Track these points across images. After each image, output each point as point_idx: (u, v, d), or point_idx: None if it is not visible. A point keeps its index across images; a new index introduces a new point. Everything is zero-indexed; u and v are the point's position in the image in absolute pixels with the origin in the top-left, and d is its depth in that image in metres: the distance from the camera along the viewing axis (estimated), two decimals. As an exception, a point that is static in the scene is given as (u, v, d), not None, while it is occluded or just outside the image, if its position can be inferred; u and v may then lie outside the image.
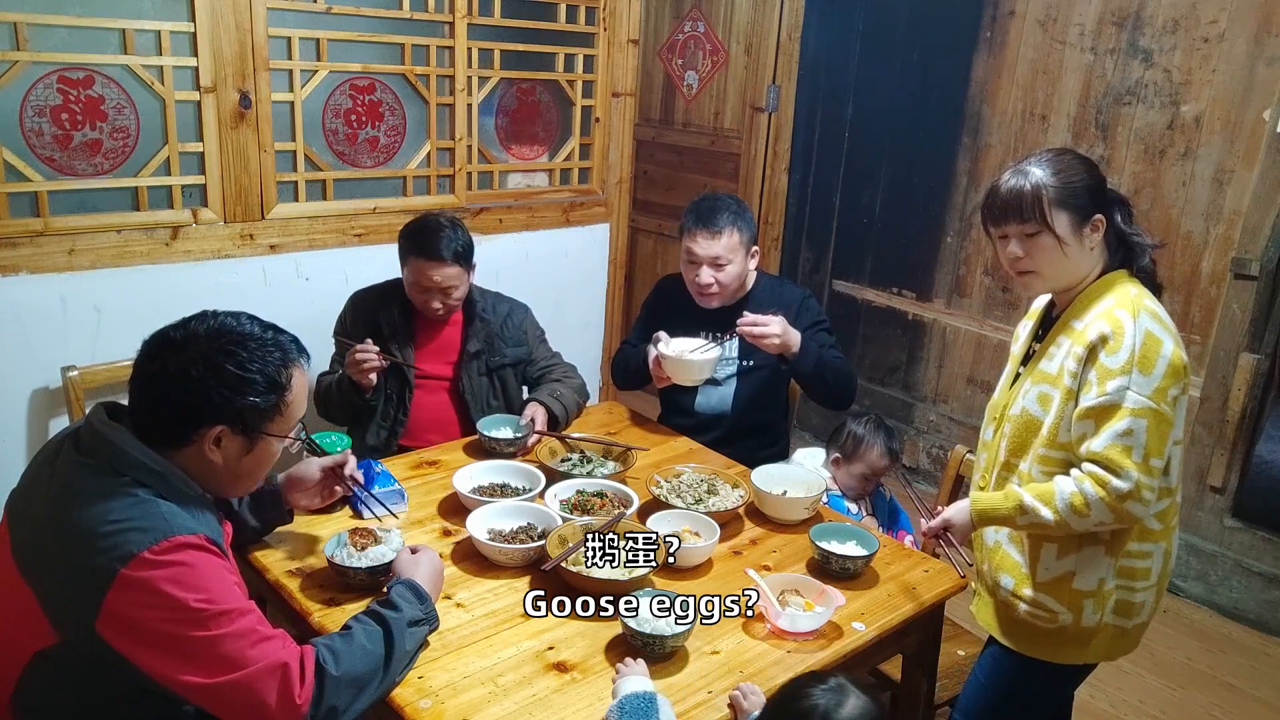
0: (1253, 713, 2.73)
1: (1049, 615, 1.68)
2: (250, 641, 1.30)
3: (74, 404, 2.45)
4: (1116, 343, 1.56)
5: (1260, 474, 3.19)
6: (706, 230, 2.44)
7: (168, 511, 1.32)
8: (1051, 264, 1.65)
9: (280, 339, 1.44)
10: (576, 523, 1.85)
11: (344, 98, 2.99)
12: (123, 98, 2.56)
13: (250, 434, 1.41)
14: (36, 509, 1.35)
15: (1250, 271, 2.99)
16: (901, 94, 3.93)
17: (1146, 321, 1.57)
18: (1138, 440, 1.55)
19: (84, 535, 1.27)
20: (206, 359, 1.36)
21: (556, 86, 3.57)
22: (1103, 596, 1.66)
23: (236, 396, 1.37)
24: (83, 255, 2.53)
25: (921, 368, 4.04)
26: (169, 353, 1.37)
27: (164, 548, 1.27)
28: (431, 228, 2.39)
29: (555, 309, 3.36)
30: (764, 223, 4.25)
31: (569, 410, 2.43)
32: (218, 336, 1.38)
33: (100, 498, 1.30)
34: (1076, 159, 1.66)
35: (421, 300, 2.43)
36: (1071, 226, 1.62)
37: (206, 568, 1.31)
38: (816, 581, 1.75)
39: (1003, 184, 1.66)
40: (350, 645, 1.39)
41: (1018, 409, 1.72)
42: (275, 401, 1.41)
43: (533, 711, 1.44)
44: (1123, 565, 1.65)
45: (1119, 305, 1.60)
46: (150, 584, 1.25)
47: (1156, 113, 3.19)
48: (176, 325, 1.41)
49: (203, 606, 1.27)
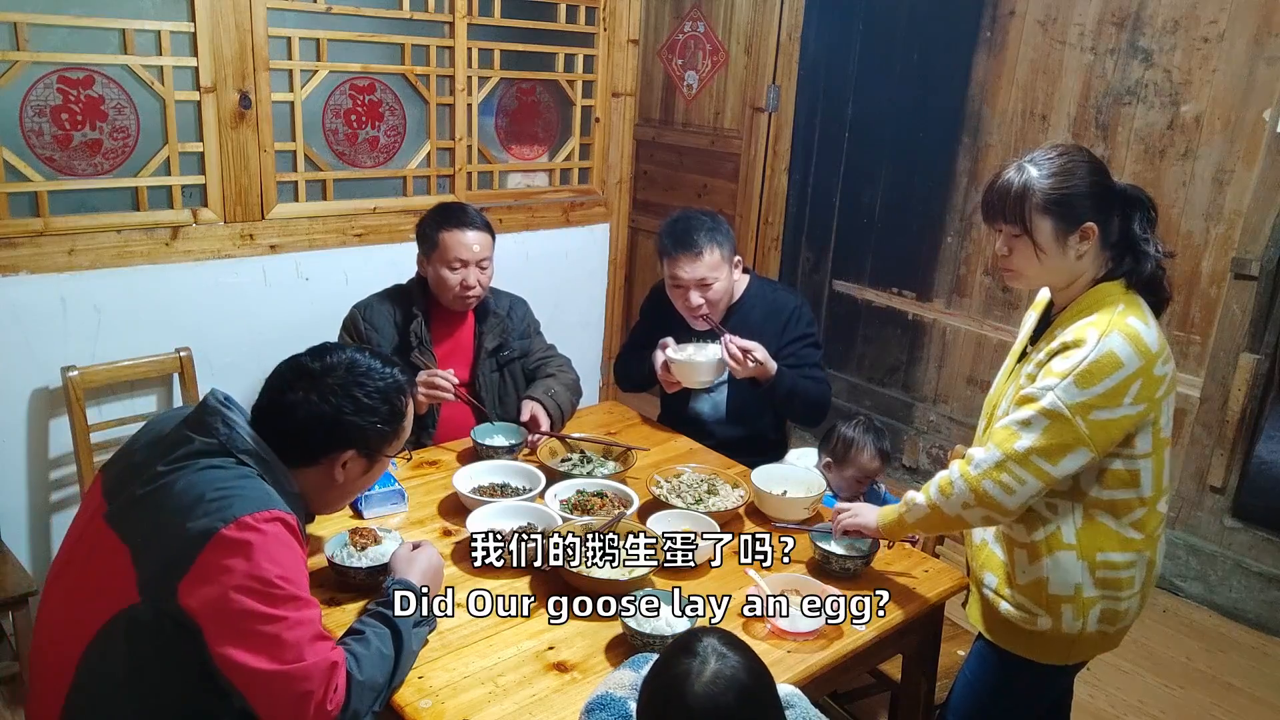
0: (1253, 713, 2.73)
1: (1028, 617, 1.67)
2: (310, 635, 1.33)
3: (74, 404, 2.45)
4: (1069, 353, 1.55)
5: (1260, 474, 3.19)
6: (687, 253, 2.41)
7: (272, 491, 1.41)
8: (1028, 266, 1.63)
9: (395, 371, 1.57)
10: (576, 523, 1.85)
11: (344, 98, 2.99)
12: (123, 98, 2.56)
13: (372, 456, 1.55)
14: (143, 474, 1.40)
15: (1250, 271, 2.99)
16: (901, 94, 3.93)
17: (1114, 340, 1.53)
18: (1030, 431, 1.55)
19: (191, 498, 1.34)
20: (344, 389, 1.49)
21: (556, 86, 3.57)
22: (1083, 604, 1.64)
23: (367, 424, 1.51)
24: (83, 255, 2.53)
25: (921, 368, 4.04)
26: (307, 382, 1.49)
27: (265, 516, 1.34)
28: (454, 204, 2.45)
29: (555, 309, 3.36)
30: (764, 223, 4.25)
31: (564, 410, 2.43)
32: (351, 369, 1.52)
33: (211, 470, 1.38)
34: (1080, 162, 1.61)
35: (456, 280, 2.38)
36: (1055, 234, 1.58)
37: (294, 549, 1.38)
38: (816, 581, 1.75)
39: (999, 178, 1.63)
40: (369, 650, 1.41)
41: (1002, 409, 1.72)
42: (395, 427, 1.56)
43: (533, 711, 1.44)
44: (1103, 576, 1.63)
45: (1094, 323, 1.56)
46: (244, 546, 1.31)
47: (1156, 113, 3.20)
48: (313, 354, 1.54)
49: (281, 584, 1.32)
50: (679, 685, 1.13)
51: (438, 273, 2.39)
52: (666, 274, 2.49)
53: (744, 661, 1.16)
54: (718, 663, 1.14)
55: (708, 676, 1.12)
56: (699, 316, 2.47)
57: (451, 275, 2.38)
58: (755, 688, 1.15)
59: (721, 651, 1.15)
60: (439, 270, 2.39)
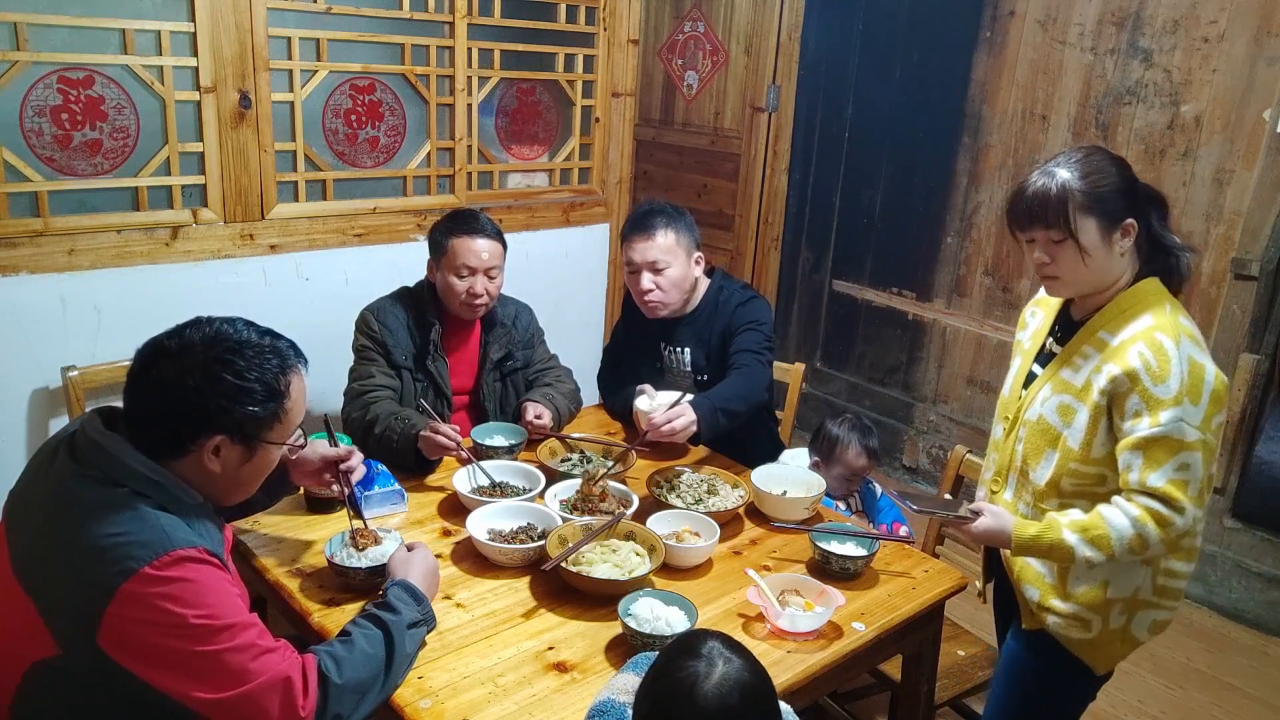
0: (1252, 713, 2.73)
1: (1082, 624, 1.66)
2: (251, 655, 1.29)
3: (74, 404, 2.45)
4: (1163, 371, 1.51)
5: (1260, 474, 3.18)
6: (641, 234, 2.39)
7: (168, 524, 1.29)
8: (1075, 270, 1.60)
9: (278, 344, 1.41)
10: (576, 523, 1.85)
11: (344, 98, 2.99)
12: (123, 98, 2.56)
13: (249, 443, 1.38)
14: (35, 517, 1.34)
15: (1250, 272, 2.99)
16: (901, 94, 3.93)
17: (1188, 347, 1.52)
18: (1194, 475, 1.52)
19: (84, 548, 1.25)
20: (203, 368, 1.33)
21: (556, 86, 3.57)
22: (1138, 606, 1.63)
23: (235, 406, 1.34)
24: (83, 255, 2.53)
25: (921, 368, 4.04)
26: (164, 362, 1.34)
27: (164, 562, 1.25)
28: (466, 211, 2.44)
29: (555, 309, 3.36)
30: (764, 223, 4.25)
31: (562, 416, 2.43)
32: (214, 344, 1.35)
33: (99, 509, 1.28)
34: (1107, 159, 1.59)
35: (463, 288, 2.35)
36: (1100, 233, 1.56)
37: (207, 581, 1.29)
38: (816, 581, 1.75)
39: (1029, 186, 1.59)
40: (351, 651, 1.39)
41: (1034, 414, 1.68)
42: (274, 409, 1.39)
43: (533, 711, 1.44)
44: (1163, 584, 1.63)
45: (1159, 328, 1.54)
46: (151, 600, 1.24)
47: (1156, 113, 3.19)
48: (171, 333, 1.38)
49: (204, 622, 1.26)
50: (686, 688, 1.13)
51: (445, 279, 2.37)
52: (624, 262, 2.47)
53: (747, 663, 1.16)
54: (724, 665, 1.14)
55: (716, 679, 1.13)
56: (653, 304, 2.42)
57: (459, 282, 2.35)
58: (761, 689, 1.16)
59: (726, 654, 1.16)
60: (447, 276, 2.37)
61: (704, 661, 1.14)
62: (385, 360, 2.36)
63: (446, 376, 2.41)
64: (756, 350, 2.39)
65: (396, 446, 2.15)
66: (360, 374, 2.35)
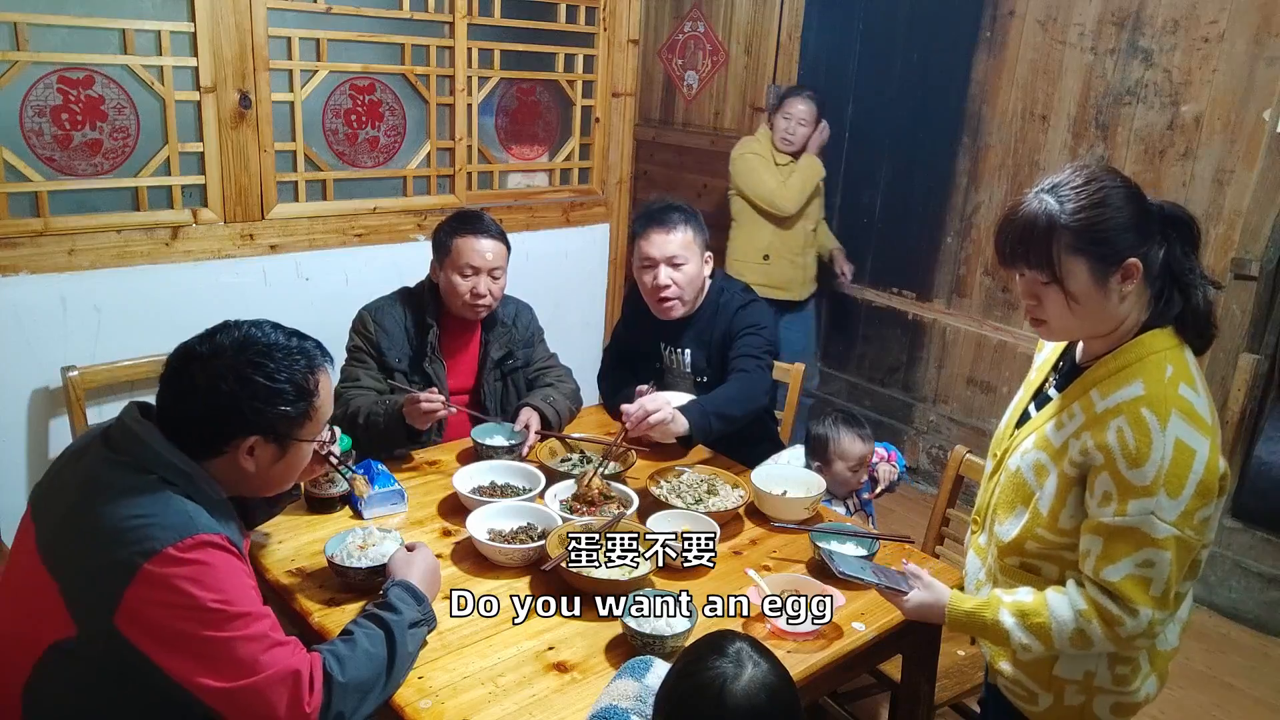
0: (1252, 713, 2.73)
1: (1028, 695, 1.56)
2: (263, 646, 1.30)
3: (74, 404, 2.45)
4: (1140, 454, 1.32)
5: (1260, 474, 3.18)
6: (659, 228, 2.36)
7: (193, 510, 1.33)
8: (1061, 319, 1.40)
9: (305, 345, 1.46)
10: (577, 523, 1.85)
11: (344, 98, 2.99)
12: (123, 98, 2.56)
13: (282, 441, 1.44)
14: (63, 501, 1.37)
15: (1250, 272, 2.99)
16: (901, 94, 3.93)
17: (1179, 428, 1.32)
18: (1158, 574, 1.35)
19: (109, 529, 1.29)
20: (236, 372, 1.38)
21: (556, 86, 3.57)
22: (1092, 690, 1.50)
23: (268, 407, 1.39)
24: (83, 255, 2.53)
25: (921, 368, 4.04)
26: (196, 367, 1.39)
27: (188, 544, 1.28)
28: (470, 211, 2.45)
29: (555, 309, 3.36)
30: (764, 223, 4.25)
31: (562, 417, 2.42)
32: (244, 348, 1.40)
33: (127, 492, 1.32)
34: (1112, 188, 1.35)
35: (466, 288, 2.35)
36: (1092, 276, 1.35)
37: (226, 568, 1.32)
38: (816, 581, 1.75)
39: (1020, 210, 1.39)
40: (354, 650, 1.40)
41: (1014, 464, 1.52)
42: (305, 408, 1.44)
43: (533, 711, 1.44)
44: (1121, 673, 1.49)
45: (1147, 401, 1.34)
46: (171, 580, 1.26)
47: (1156, 113, 3.20)
48: (201, 338, 1.43)
49: (220, 607, 1.28)
50: (715, 688, 1.13)
51: (449, 279, 2.37)
52: (637, 256, 2.44)
53: (774, 666, 1.17)
54: (753, 667, 1.15)
55: (745, 680, 1.13)
56: (669, 301, 2.39)
57: (462, 282, 2.35)
58: (787, 693, 1.16)
59: (754, 656, 1.17)
60: (450, 276, 2.37)
61: (732, 662, 1.15)
62: (376, 364, 2.37)
63: (444, 378, 2.41)
64: (757, 355, 2.39)
65: (384, 427, 2.18)
66: (346, 375, 2.37)
